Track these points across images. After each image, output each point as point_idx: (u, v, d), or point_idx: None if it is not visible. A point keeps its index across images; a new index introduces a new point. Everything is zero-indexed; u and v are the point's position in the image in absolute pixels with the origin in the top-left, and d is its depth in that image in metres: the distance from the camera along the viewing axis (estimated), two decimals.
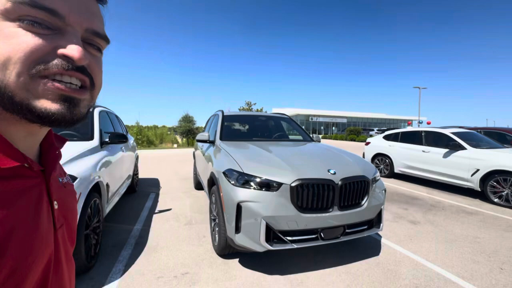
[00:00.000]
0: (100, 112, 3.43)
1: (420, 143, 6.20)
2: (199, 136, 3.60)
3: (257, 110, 24.52)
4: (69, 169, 2.01)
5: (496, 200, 4.62)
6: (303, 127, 4.51)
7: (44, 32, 0.32)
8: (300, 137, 4.18)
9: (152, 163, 9.18)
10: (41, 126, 0.37)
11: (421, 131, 6.38)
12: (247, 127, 4.39)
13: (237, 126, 4.50)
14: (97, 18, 0.39)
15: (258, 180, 2.18)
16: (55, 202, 0.41)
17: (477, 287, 2.15)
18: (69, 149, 2.35)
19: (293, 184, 2.13)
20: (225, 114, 4.11)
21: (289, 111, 46.04)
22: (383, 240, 3.01)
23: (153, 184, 5.76)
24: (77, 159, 2.24)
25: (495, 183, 4.64)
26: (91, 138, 2.87)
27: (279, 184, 2.14)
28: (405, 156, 6.46)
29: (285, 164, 2.36)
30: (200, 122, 30.35)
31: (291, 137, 4.37)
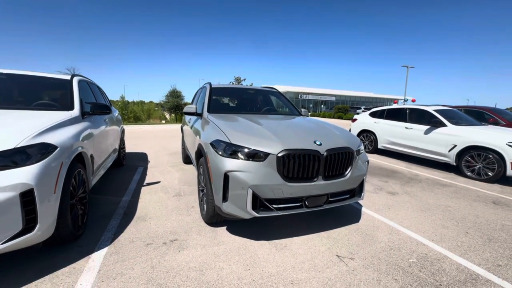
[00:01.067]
0: (80, 81, 3.25)
1: (404, 120, 6.37)
2: (187, 109, 3.52)
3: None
4: (48, 138, 1.93)
5: (469, 173, 4.94)
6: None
7: None
8: (288, 112, 4.18)
9: (140, 138, 9.00)
10: None
11: (406, 109, 6.53)
12: (235, 100, 4.32)
13: (225, 99, 4.41)
14: None
15: (245, 150, 2.20)
16: None
17: (444, 248, 2.37)
18: (48, 118, 2.24)
19: (279, 154, 2.16)
20: (213, 86, 4.01)
21: (279, 88, 45.17)
22: (363, 209, 3.19)
23: (141, 158, 5.70)
24: (56, 128, 2.14)
25: (469, 158, 4.93)
26: (71, 108, 2.74)
27: (266, 154, 2.17)
28: (389, 132, 6.65)
29: (272, 135, 2.38)
30: (188, 97, 29.35)
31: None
